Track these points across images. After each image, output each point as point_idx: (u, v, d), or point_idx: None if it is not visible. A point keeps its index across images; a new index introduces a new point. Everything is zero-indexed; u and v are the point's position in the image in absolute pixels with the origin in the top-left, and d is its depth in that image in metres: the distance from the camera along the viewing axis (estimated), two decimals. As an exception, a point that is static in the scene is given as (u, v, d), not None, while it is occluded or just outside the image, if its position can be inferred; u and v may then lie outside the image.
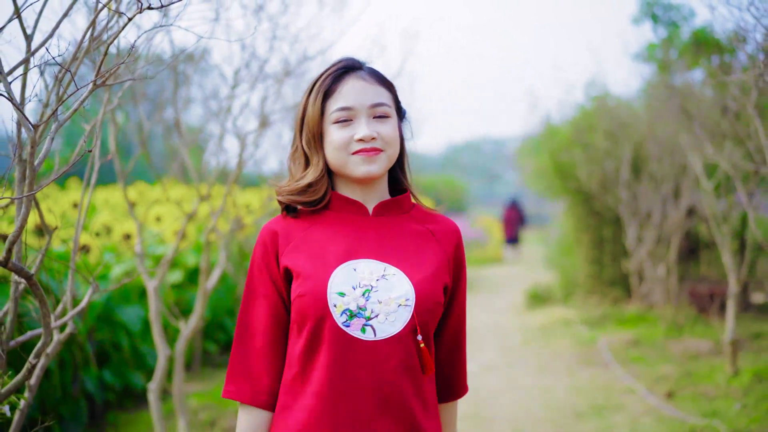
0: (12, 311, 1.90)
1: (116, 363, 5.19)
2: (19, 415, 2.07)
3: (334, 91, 1.69)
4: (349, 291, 1.63)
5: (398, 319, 1.64)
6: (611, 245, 10.03)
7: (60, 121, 1.63)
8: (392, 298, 1.64)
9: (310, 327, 1.63)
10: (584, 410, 5.33)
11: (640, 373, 6.30)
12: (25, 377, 1.74)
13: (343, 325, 1.61)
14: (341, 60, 1.74)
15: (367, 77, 1.71)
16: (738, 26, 3.70)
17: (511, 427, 5.00)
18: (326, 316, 1.62)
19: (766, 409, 4.92)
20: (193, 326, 3.75)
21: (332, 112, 1.67)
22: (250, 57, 3.48)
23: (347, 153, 1.66)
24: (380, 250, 1.70)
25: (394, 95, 1.77)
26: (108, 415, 5.11)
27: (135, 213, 3.51)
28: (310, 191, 1.70)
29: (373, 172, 1.67)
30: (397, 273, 1.67)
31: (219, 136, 3.83)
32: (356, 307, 1.62)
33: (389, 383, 1.63)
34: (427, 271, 1.70)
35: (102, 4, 1.82)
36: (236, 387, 1.69)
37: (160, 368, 3.57)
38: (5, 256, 1.63)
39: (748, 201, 5.27)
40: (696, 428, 4.61)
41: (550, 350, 7.59)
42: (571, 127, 10.00)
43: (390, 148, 1.69)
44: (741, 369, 5.84)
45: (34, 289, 1.72)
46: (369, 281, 1.65)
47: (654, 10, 9.15)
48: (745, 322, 7.95)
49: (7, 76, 1.66)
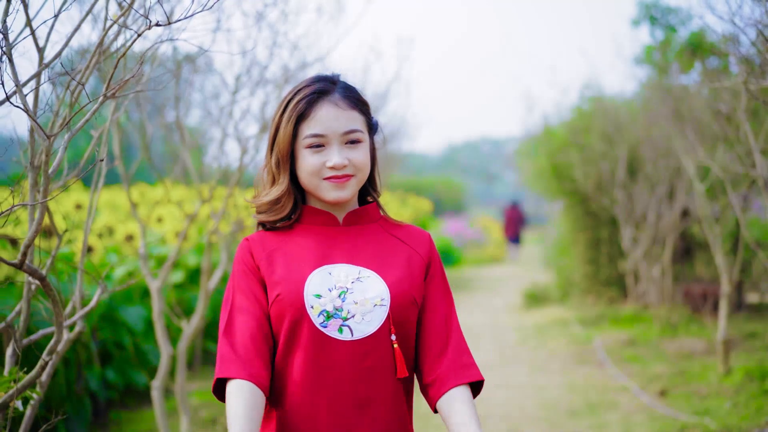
0: (25, 311, 2.00)
1: (119, 362, 5.29)
2: (30, 410, 2.17)
3: (308, 116, 1.71)
4: (325, 293, 1.67)
5: (374, 319, 1.68)
6: (607, 246, 10.13)
7: (72, 131, 1.72)
8: (368, 298, 1.69)
9: (287, 328, 1.67)
10: (578, 408, 5.43)
11: (634, 372, 6.40)
12: (38, 374, 1.84)
13: (321, 326, 1.66)
14: (315, 81, 1.76)
15: (340, 101, 1.73)
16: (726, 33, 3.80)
17: (506, 425, 5.10)
18: (303, 317, 1.66)
19: (757, 407, 5.02)
20: (195, 325, 3.85)
21: (305, 137, 1.71)
22: (251, 63, 3.58)
23: (319, 178, 1.71)
24: (353, 254, 1.75)
25: (367, 115, 1.79)
26: (111, 412, 5.20)
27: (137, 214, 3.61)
28: (275, 209, 1.76)
29: (344, 197, 1.73)
30: (371, 275, 1.72)
31: (220, 140, 3.92)
32: (333, 308, 1.67)
33: (365, 382, 1.67)
34: (400, 272, 1.75)
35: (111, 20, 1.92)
36: (228, 369, 1.62)
37: (164, 366, 3.67)
38: (20, 258, 1.73)
39: (738, 203, 5.37)
40: (687, 426, 4.70)
41: (546, 349, 7.68)
42: (568, 129, 10.11)
43: (360, 173, 1.74)
44: (733, 368, 5.94)
45: (47, 290, 1.81)
46: (344, 283, 1.70)
47: (652, 12, 9.26)
48: (739, 321, 8.06)
49: (22, 87, 1.75)
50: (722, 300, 6.12)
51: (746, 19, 2.92)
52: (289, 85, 3.72)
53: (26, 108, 1.69)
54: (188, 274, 6.67)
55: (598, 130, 9.22)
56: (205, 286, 3.96)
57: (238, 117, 3.73)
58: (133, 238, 5.72)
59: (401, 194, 18.51)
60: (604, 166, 9.05)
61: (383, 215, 1.88)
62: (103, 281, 2.09)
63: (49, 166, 1.69)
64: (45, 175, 1.68)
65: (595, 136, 9.25)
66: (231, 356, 1.64)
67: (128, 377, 5.29)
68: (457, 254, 18.24)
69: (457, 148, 66.42)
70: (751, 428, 4.53)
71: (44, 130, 1.65)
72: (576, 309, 9.77)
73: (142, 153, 3.82)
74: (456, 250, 18.34)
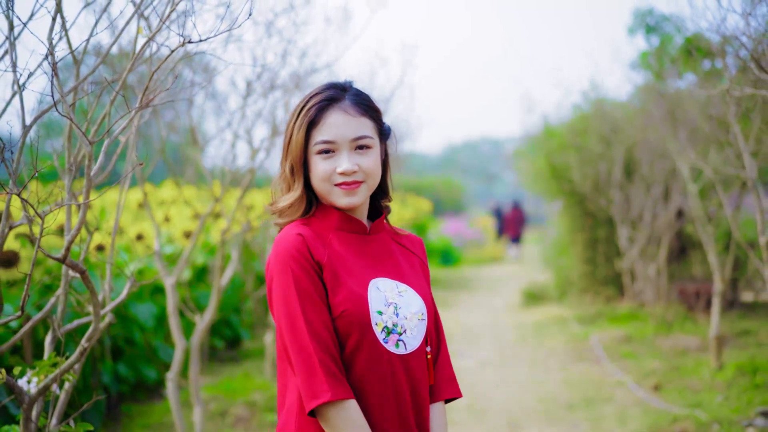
0: (62, 302, 2.17)
1: (130, 357, 5.46)
2: (64, 394, 2.34)
3: (318, 123, 1.75)
4: (384, 309, 1.74)
5: (419, 333, 1.78)
6: (605, 245, 10.31)
7: (111, 137, 1.90)
8: (413, 313, 1.77)
9: (353, 342, 1.70)
10: (575, 402, 5.61)
11: (629, 367, 6.58)
12: (78, 358, 2.01)
13: (383, 342, 1.72)
14: (326, 88, 1.80)
15: (350, 108, 1.77)
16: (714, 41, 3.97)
17: (505, 418, 5.28)
18: (367, 332, 1.71)
19: (747, 400, 5.20)
20: (208, 319, 4.02)
21: (315, 143, 1.75)
22: (262, 70, 3.76)
23: (330, 184, 1.75)
24: (386, 267, 1.81)
25: (377, 121, 1.83)
26: (122, 406, 5.38)
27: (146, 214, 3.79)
28: (288, 212, 1.81)
29: (354, 203, 1.77)
30: (407, 289, 1.80)
31: (231, 143, 4.10)
32: (392, 324, 1.74)
33: (417, 393, 1.77)
34: (424, 284, 1.86)
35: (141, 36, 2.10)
36: (330, 388, 1.63)
37: (178, 359, 3.84)
38: (64, 254, 1.90)
39: (731, 203, 5.55)
40: (679, 417, 4.88)
41: (544, 347, 7.86)
42: (566, 130, 10.29)
43: (370, 179, 1.78)
44: (726, 363, 6.12)
45: (86, 282, 1.99)
46: (393, 299, 1.76)
47: (647, 21, 9.45)
48: (734, 319, 8.24)
49: (65, 97, 1.93)
50: (715, 298, 6.30)
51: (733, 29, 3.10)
52: (299, 91, 3.90)
53: (70, 116, 1.86)
54: (195, 272, 6.85)
55: (596, 132, 9.41)
56: (218, 282, 4.14)
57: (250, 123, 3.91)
58: (143, 237, 5.89)
59: (401, 194, 18.68)
60: (601, 167, 9.23)
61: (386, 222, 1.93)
62: (133, 275, 2.27)
63: (91, 170, 1.86)
64: (87, 177, 1.85)
65: (593, 137, 9.44)
66: (326, 372, 1.64)
67: (139, 372, 5.46)
68: (457, 254, 18.42)
69: (457, 148, 66.58)
70: (740, 420, 4.71)
71: (87, 137, 1.82)
72: (574, 307, 9.95)
73: (158, 155, 4.00)
74: (455, 250, 18.52)
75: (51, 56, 1.86)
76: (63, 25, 1.99)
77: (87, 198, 1.86)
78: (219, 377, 6.26)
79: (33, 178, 1.77)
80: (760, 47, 2.82)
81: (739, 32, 3.00)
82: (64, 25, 2.00)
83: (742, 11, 2.85)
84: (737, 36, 2.91)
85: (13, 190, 1.76)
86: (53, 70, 1.82)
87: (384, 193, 1.91)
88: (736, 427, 4.59)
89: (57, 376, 1.95)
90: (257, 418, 5.07)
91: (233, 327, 7.26)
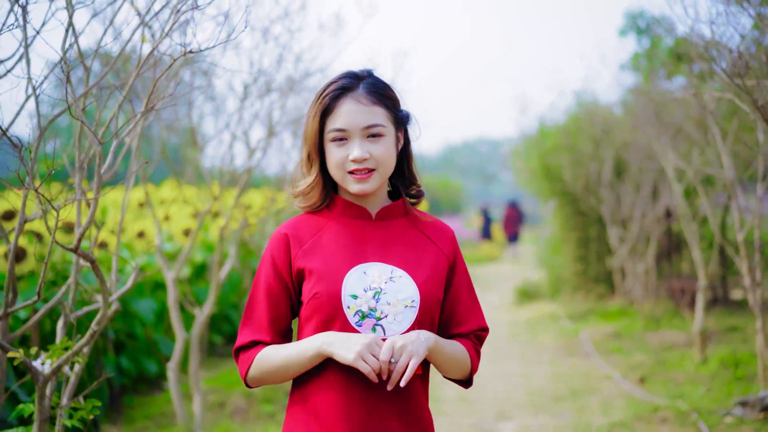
0: (73, 290, 2.36)
1: (131, 351, 5.64)
2: (74, 376, 2.53)
3: (331, 111, 1.81)
4: (360, 293, 1.77)
5: (405, 319, 1.78)
6: (596, 244, 10.51)
7: (119, 138, 2.09)
8: (400, 299, 1.78)
9: (318, 323, 1.78)
10: (562, 394, 5.80)
11: (617, 362, 6.77)
12: (88, 341, 2.19)
13: (356, 325, 1.76)
14: (341, 77, 1.84)
15: (363, 97, 1.81)
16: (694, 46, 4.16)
17: (494, 408, 5.47)
18: (338, 315, 1.76)
19: (728, 391, 5.39)
20: (208, 312, 4.20)
21: (329, 131, 1.81)
22: (259, 73, 3.94)
23: (344, 171, 1.81)
24: (386, 253, 1.84)
25: (392, 109, 1.86)
26: (124, 398, 5.56)
27: (146, 213, 3.98)
28: (306, 197, 1.88)
29: (366, 190, 1.82)
30: (403, 275, 1.81)
31: (229, 143, 4.29)
32: (368, 309, 1.76)
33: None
34: (429, 272, 1.85)
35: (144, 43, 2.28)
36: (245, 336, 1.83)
37: (178, 349, 4.02)
38: (76, 244, 2.09)
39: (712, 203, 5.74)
40: (660, 407, 5.07)
41: (536, 343, 8.06)
42: (559, 132, 10.49)
43: (382, 166, 1.82)
44: (709, 357, 6.31)
45: (97, 271, 2.17)
46: (378, 284, 1.79)
47: (638, 23, 9.66)
48: (723, 316, 8.43)
49: (77, 101, 2.12)
50: (699, 293, 6.50)
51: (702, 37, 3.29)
52: (294, 94, 4.09)
53: (82, 119, 2.05)
54: (194, 269, 7.03)
55: (587, 133, 9.61)
56: (217, 276, 4.32)
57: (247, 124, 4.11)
58: (144, 234, 6.08)
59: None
60: (592, 167, 9.43)
61: (411, 209, 1.94)
62: (137, 267, 2.45)
63: (101, 168, 2.05)
64: (98, 175, 2.04)
65: (584, 138, 9.64)
66: (252, 328, 1.83)
67: (140, 365, 5.64)
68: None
69: (455, 149, 66.80)
70: (719, 409, 4.90)
71: (98, 138, 2.01)
72: (566, 305, 10.15)
73: (159, 155, 4.19)
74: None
75: (65, 64, 2.04)
76: (75, 36, 2.18)
77: (98, 193, 2.05)
78: (217, 371, 6.44)
79: (49, 176, 1.95)
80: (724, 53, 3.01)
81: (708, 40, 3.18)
82: (76, 36, 2.18)
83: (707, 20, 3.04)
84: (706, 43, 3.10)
85: (31, 186, 1.94)
86: (67, 78, 2.00)
87: (408, 180, 1.94)
88: (715, 416, 4.78)
89: (69, 356, 2.13)
90: (254, 409, 5.26)
91: (231, 323, 7.45)
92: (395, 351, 1.70)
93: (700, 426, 4.63)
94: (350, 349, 1.69)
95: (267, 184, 7.06)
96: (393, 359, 1.70)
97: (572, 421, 5.10)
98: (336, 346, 1.71)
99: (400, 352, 1.70)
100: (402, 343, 1.70)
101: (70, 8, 2.10)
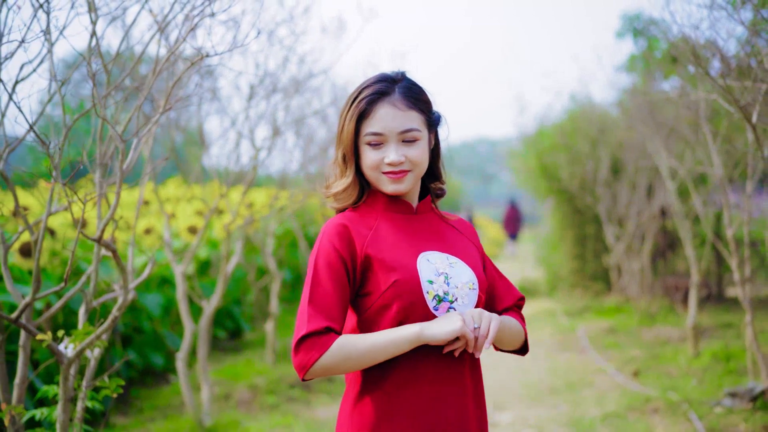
0: (94, 279, 2.51)
1: (138, 344, 5.80)
2: (93, 361, 2.69)
3: (368, 115, 1.85)
4: (435, 278, 1.83)
5: (470, 302, 1.86)
6: (593, 242, 10.67)
7: (140, 136, 2.25)
8: (464, 282, 1.86)
9: (398, 310, 1.80)
10: (558, 387, 5.96)
11: (612, 356, 6.93)
12: (110, 325, 2.35)
13: (434, 309, 1.82)
14: (377, 80, 1.88)
15: (399, 102, 1.85)
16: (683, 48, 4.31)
17: (491, 400, 5.62)
18: (418, 301, 1.80)
19: (718, 384, 5.54)
20: (215, 304, 4.35)
21: (365, 134, 1.85)
22: (264, 74, 4.10)
23: (378, 172, 1.87)
24: (437, 241, 1.91)
25: (426, 113, 1.91)
26: (131, 390, 5.72)
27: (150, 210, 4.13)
28: (342, 197, 1.92)
29: (401, 190, 1.89)
30: (458, 261, 1.89)
31: (236, 142, 4.45)
32: (443, 293, 1.83)
33: (460, 359, 1.86)
34: (475, 258, 1.95)
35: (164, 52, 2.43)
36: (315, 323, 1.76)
37: (187, 340, 4.18)
38: (99, 234, 2.24)
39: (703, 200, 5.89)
40: (651, 398, 5.23)
41: (533, 338, 8.21)
42: (556, 131, 10.65)
43: (417, 168, 1.88)
44: (702, 352, 6.47)
45: (117, 259, 2.33)
46: (444, 269, 1.85)
47: (635, 25, 9.81)
48: (718, 313, 8.59)
49: (101, 100, 2.27)
50: (692, 290, 6.65)
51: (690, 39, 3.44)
52: (298, 94, 4.25)
53: (105, 118, 2.20)
54: (199, 265, 7.19)
55: (584, 133, 9.77)
56: (224, 270, 4.48)
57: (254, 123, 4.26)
58: (151, 231, 6.24)
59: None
60: (588, 166, 9.59)
61: (433, 205, 2.03)
62: (153, 257, 2.61)
63: (123, 164, 2.20)
64: (120, 171, 2.19)
65: (581, 138, 9.80)
66: (319, 316, 1.77)
67: (147, 358, 5.80)
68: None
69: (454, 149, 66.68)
70: (709, 400, 5.05)
71: (121, 136, 2.16)
72: (563, 302, 10.32)
73: (168, 154, 4.34)
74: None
75: (89, 67, 2.20)
76: (96, 41, 2.33)
77: (120, 187, 2.20)
78: (222, 364, 6.60)
79: (75, 172, 2.10)
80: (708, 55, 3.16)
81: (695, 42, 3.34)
82: (98, 42, 2.34)
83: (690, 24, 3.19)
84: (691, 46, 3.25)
85: (59, 179, 2.10)
86: (92, 80, 2.16)
87: (435, 177, 2.02)
88: (705, 407, 4.94)
89: (92, 340, 2.29)
90: (259, 400, 5.41)
91: (235, 318, 7.60)
92: (475, 319, 1.79)
93: (690, 416, 4.79)
94: (453, 322, 1.76)
95: (269, 183, 7.23)
96: (475, 325, 1.78)
97: (567, 412, 5.26)
98: (433, 328, 1.76)
99: (479, 319, 1.79)
100: (479, 312, 1.80)
101: (94, 14, 2.26)
